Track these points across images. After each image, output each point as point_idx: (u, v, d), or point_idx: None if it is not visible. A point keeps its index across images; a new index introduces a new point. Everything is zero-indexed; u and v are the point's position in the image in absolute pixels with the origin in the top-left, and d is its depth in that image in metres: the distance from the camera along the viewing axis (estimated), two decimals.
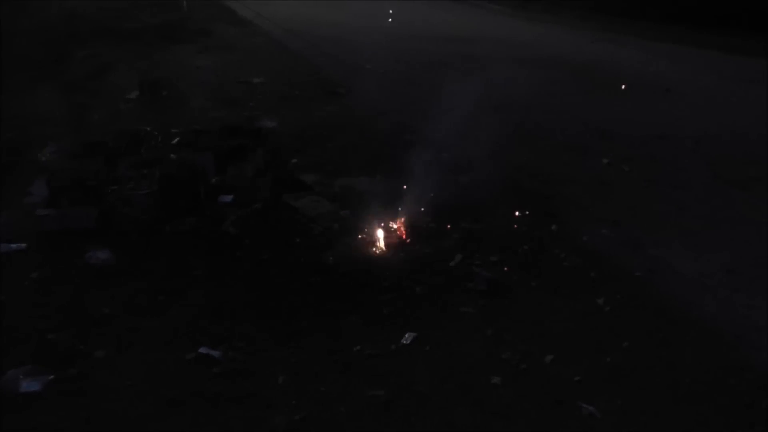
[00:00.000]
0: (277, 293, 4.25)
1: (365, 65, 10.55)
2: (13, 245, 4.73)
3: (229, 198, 5.35)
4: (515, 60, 10.45)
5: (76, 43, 11.30)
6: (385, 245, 4.80)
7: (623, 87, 9.46)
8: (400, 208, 5.09)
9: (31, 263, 4.55)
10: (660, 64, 11.28)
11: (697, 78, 10.44)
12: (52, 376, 3.45)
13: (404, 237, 4.91)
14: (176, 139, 6.55)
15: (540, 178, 6.17)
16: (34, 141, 6.53)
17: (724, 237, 5.20)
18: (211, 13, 15.15)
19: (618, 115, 8.28)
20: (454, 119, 6.11)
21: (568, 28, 14.23)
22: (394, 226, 4.98)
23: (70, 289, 4.28)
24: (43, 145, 6.43)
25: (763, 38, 12.53)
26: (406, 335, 3.82)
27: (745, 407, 3.39)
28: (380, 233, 4.88)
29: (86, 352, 3.68)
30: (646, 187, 6.14)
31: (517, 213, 5.36)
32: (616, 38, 13.13)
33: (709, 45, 12.58)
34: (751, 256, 4.90)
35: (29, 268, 4.48)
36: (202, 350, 3.67)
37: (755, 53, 11.81)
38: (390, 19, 14.29)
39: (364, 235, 4.89)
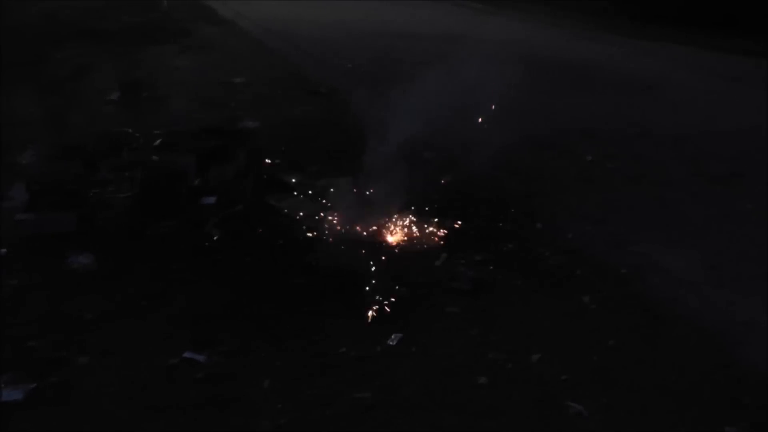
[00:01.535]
0: (261, 296, 4.21)
1: (347, 64, 10.53)
2: None
3: (210, 200, 5.30)
4: (496, 58, 10.41)
5: (55, 45, 11.19)
6: (369, 246, 4.78)
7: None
8: (382, 208, 5.08)
9: (10, 269, 4.49)
10: (641, 62, 11.34)
11: (678, 75, 10.50)
12: (34, 384, 3.40)
13: (388, 237, 4.89)
14: (157, 141, 6.49)
15: (523, 176, 6.18)
16: (13, 144, 6.45)
17: (707, 233, 5.23)
18: (191, 12, 15.07)
19: (600, 112, 8.30)
20: (435, 118, 6.10)
21: (549, 27, 14.27)
22: (377, 227, 4.96)
23: (50, 294, 4.22)
24: (22, 148, 6.35)
25: (745, 36, 12.63)
26: (392, 336, 3.80)
27: (730, 403, 3.40)
28: (363, 234, 4.86)
29: (68, 358, 3.62)
30: (630, 185, 6.16)
31: (500, 211, 5.35)
32: (596, 36, 13.19)
33: (690, 42, 12.67)
34: (733, 252, 4.93)
35: (8, 274, 4.41)
36: (186, 355, 3.63)
37: (736, 51, 11.91)
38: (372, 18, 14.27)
39: (347, 236, 4.87)
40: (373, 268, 4.53)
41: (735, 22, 13.49)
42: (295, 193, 5.52)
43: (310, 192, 5.57)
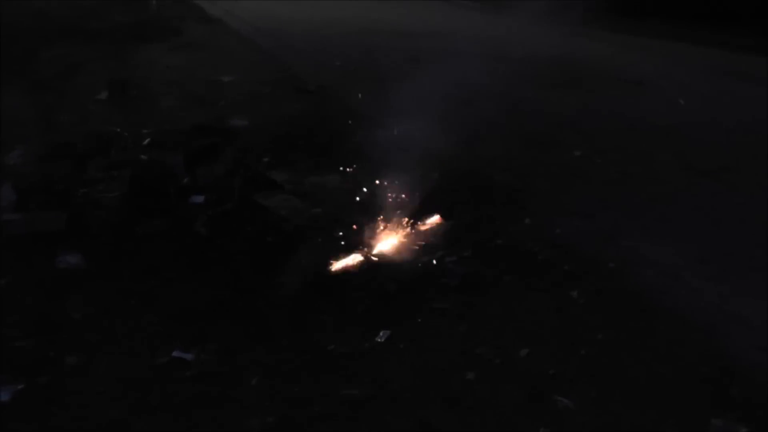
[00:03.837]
0: (250, 293, 4.21)
1: (336, 62, 10.53)
2: None
3: (200, 198, 5.30)
4: (486, 55, 10.45)
5: (45, 43, 11.15)
6: (358, 242, 4.77)
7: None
8: (371, 205, 5.07)
9: None
10: (632, 58, 11.36)
11: (668, 70, 10.54)
12: (21, 386, 3.39)
13: (376, 234, 4.89)
14: (146, 140, 6.48)
15: (512, 171, 6.18)
16: (1, 144, 6.43)
17: (696, 227, 5.25)
18: (181, 11, 15.03)
19: (590, 107, 8.32)
20: (425, 114, 6.10)
21: (541, 23, 14.25)
22: (366, 224, 4.96)
23: (40, 294, 4.21)
24: (10, 147, 6.33)
25: (736, 31, 12.67)
26: (381, 333, 3.80)
27: (718, 395, 3.42)
28: (352, 231, 4.86)
29: (57, 358, 3.62)
30: (619, 179, 6.17)
31: (489, 207, 5.36)
32: (587, 32, 13.19)
33: (681, 38, 12.70)
34: (722, 246, 4.95)
35: None
36: (175, 353, 3.63)
37: (726, 46, 11.95)
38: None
39: (336, 233, 4.87)
40: (362, 265, 4.53)
41: (726, 17, 13.52)
42: (284, 192, 5.51)
43: (298, 190, 5.56)
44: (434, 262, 4.58)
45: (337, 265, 4.51)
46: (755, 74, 10.08)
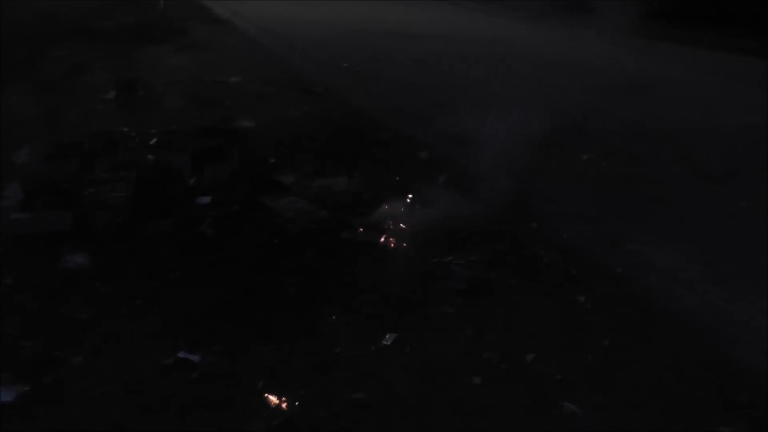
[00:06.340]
0: (255, 296, 4.21)
1: (342, 63, 10.53)
2: None
3: (206, 199, 5.30)
4: (491, 56, 10.47)
5: (50, 43, 11.18)
6: (363, 245, 4.77)
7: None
8: (377, 208, 5.07)
9: (4, 268, 4.47)
10: (637, 60, 11.33)
11: (673, 74, 10.51)
12: (26, 388, 3.37)
13: (382, 237, 4.88)
14: (153, 140, 6.49)
15: (518, 174, 6.16)
16: (8, 143, 6.44)
17: (702, 231, 5.23)
18: (187, 11, 15.06)
19: (595, 111, 8.29)
20: (432, 117, 6.10)
21: (545, 26, 14.28)
22: (372, 226, 4.95)
23: (45, 294, 4.21)
24: (17, 147, 6.34)
25: (742, 34, 12.65)
26: (387, 336, 3.79)
27: (725, 403, 3.40)
28: (358, 233, 4.85)
29: (62, 359, 3.61)
30: (624, 183, 6.16)
31: (495, 210, 5.35)
32: (588, 33, 13.17)
33: (686, 41, 12.68)
34: (729, 251, 4.93)
35: (3, 274, 4.40)
36: (181, 354, 3.62)
37: (733, 49, 11.92)
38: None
39: (343, 236, 4.86)
40: (368, 268, 4.52)
41: (732, 19, 13.50)
42: (291, 193, 5.51)
43: (305, 192, 5.56)
44: (440, 265, 4.57)
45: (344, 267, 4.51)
46: (759, 77, 10.06)
